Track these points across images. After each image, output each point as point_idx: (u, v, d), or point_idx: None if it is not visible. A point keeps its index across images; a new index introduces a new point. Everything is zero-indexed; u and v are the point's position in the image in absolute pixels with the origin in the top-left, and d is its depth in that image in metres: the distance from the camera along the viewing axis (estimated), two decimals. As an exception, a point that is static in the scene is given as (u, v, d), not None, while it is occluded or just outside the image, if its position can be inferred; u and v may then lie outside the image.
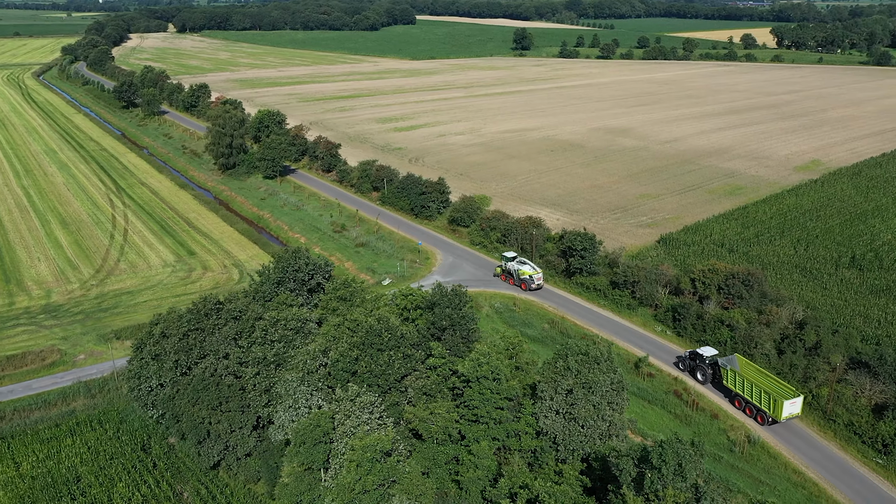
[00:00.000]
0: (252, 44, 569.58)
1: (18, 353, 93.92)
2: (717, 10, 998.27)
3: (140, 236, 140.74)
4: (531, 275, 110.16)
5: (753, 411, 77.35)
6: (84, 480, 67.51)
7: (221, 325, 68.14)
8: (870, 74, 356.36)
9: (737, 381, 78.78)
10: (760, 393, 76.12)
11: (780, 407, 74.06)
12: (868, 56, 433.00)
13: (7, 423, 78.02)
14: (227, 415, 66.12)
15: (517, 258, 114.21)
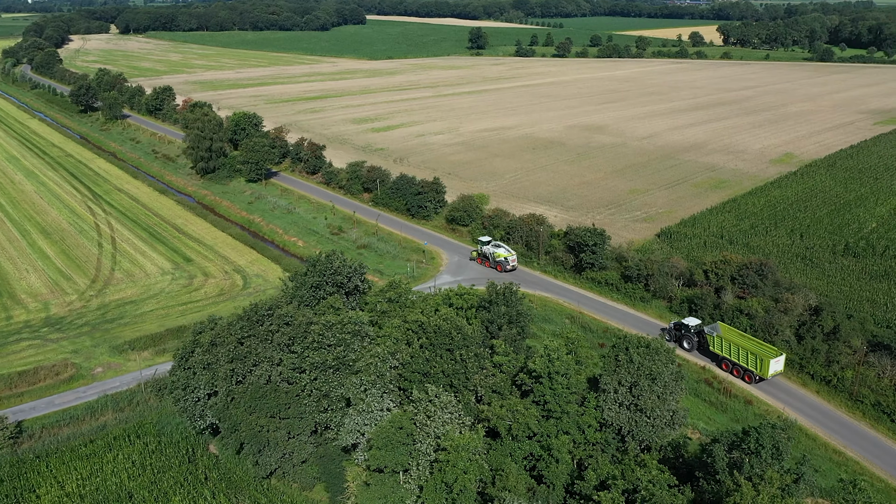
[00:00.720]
0: (202, 45, 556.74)
1: (30, 368, 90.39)
2: (660, 8, 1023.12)
3: (130, 244, 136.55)
4: (506, 257, 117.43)
5: (741, 372, 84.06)
6: (137, 496, 65.49)
7: (275, 331, 67.02)
8: (816, 70, 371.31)
9: (723, 345, 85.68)
10: (747, 354, 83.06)
11: (767, 365, 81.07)
12: (811, 52, 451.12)
13: (39, 440, 75.01)
14: (285, 422, 65.20)
15: (492, 242, 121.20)
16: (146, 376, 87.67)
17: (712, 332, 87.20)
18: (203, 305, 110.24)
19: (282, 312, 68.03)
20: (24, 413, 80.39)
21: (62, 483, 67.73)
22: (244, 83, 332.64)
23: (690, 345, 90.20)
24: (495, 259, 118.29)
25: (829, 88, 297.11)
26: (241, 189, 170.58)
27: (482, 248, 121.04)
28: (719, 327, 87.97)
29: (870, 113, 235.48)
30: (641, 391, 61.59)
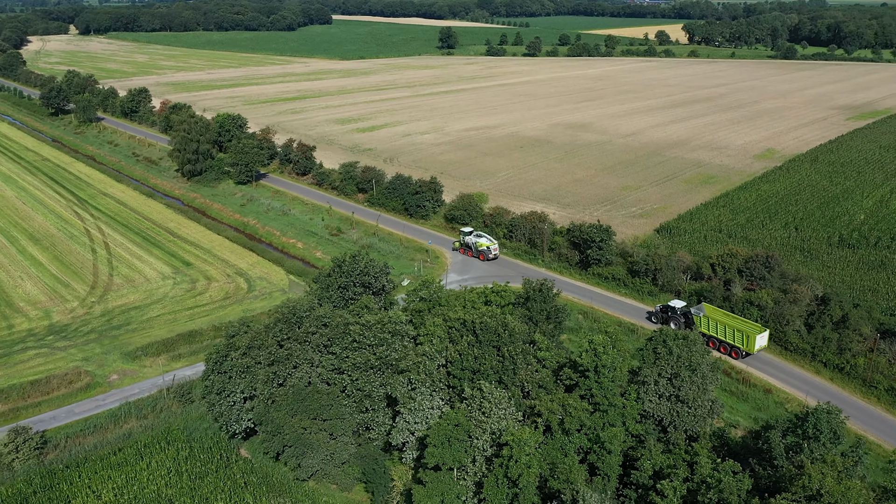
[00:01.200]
0: (167, 46, 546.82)
1: (42, 377, 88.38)
2: (622, 8, 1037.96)
3: (125, 249, 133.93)
4: (488, 246, 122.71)
5: (728, 349, 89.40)
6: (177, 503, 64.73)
7: (313, 332, 66.76)
8: (782, 68, 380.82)
9: (709, 324, 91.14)
10: (734, 332, 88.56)
11: (753, 341, 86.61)
12: (775, 51, 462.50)
13: (66, 450, 73.47)
14: (327, 423, 65.07)
15: (474, 232, 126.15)
16: (166, 382, 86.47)
17: (698, 313, 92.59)
18: (210, 309, 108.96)
19: (319, 314, 67.80)
20: (45, 423, 78.62)
21: (98, 493, 66.53)
22: (218, 84, 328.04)
23: (678, 326, 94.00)
24: (478, 248, 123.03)
25: (797, 85, 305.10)
26: (230, 191, 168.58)
27: (464, 239, 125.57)
28: (704, 308, 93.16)
29: (840, 109, 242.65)
30: (682, 382, 62.96)
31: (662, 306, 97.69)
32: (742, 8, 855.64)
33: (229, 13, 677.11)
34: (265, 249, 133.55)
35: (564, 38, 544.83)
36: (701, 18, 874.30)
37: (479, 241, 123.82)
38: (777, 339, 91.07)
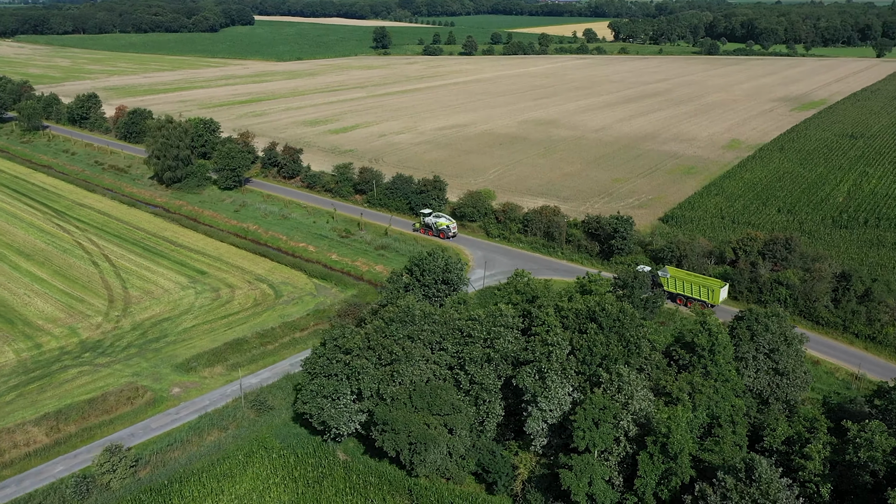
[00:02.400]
0: (86, 49, 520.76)
1: (97, 395, 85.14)
2: (540, 7, 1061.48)
3: (127, 260, 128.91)
4: (447, 225, 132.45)
5: (694, 303, 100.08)
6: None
7: (422, 329, 67.68)
8: (710, 63, 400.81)
9: (676, 284, 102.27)
10: (699, 288, 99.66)
11: (718, 293, 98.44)
12: (698, 47, 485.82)
13: (162, 467, 71.45)
14: (448, 418, 66.19)
15: (433, 213, 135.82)
16: (233, 392, 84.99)
17: (664, 275, 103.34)
18: (246, 317, 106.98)
19: (429, 311, 68.74)
20: (125, 440, 75.94)
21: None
22: (160, 88, 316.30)
23: (645, 288, 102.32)
24: (437, 228, 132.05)
25: (731, 80, 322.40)
26: (218, 197, 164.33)
27: (424, 220, 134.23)
28: (668, 270, 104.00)
29: (780, 101, 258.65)
30: (780, 356, 67.68)
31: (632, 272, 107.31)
32: (654, 6, 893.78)
33: (147, 14, 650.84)
34: (277, 254, 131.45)
35: (496, 37, 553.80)
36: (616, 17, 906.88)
37: (439, 221, 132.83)
38: (807, 315, 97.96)
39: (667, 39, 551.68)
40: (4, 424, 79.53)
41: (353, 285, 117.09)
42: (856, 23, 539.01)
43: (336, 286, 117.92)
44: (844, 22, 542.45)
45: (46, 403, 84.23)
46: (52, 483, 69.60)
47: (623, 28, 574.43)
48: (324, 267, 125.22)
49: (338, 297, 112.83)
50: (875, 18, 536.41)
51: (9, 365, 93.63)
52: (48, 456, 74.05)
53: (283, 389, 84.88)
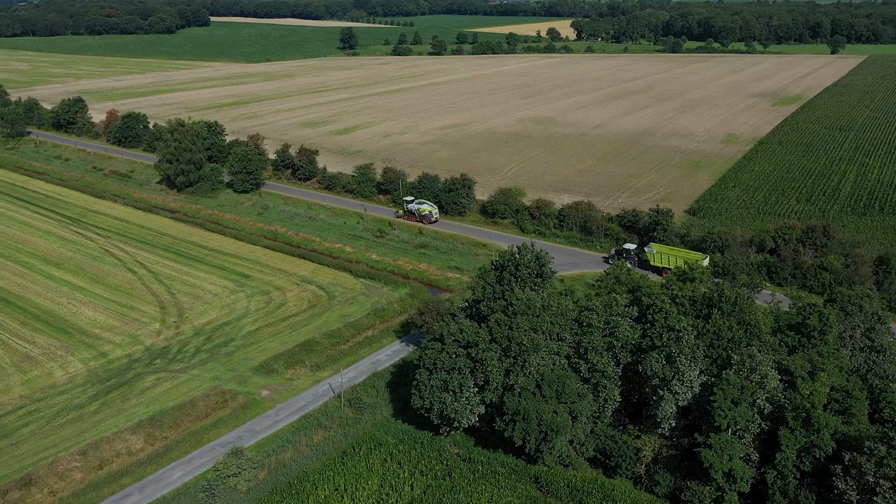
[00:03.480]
0: (39, 52, 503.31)
1: (184, 401, 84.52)
2: (495, 6, 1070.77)
3: (164, 266, 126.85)
4: (430, 211, 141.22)
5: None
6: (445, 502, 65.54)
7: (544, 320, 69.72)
8: (677, 61, 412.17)
9: (661, 258, 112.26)
10: (684, 262, 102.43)
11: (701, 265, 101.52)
12: (662, 45, 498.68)
13: (281, 469, 71.67)
14: (572, 405, 68.34)
15: (416, 200, 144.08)
16: (324, 392, 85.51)
17: (651, 251, 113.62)
18: (307, 318, 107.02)
19: (547, 303, 70.80)
20: (235, 443, 75.58)
21: (356, 501, 65.88)
22: (137, 92, 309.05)
23: (632, 263, 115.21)
24: (420, 214, 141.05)
25: (704, 77, 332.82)
26: (235, 200, 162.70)
27: (408, 206, 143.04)
28: (653, 247, 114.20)
29: (758, 96, 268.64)
30: (876, 333, 72.06)
31: (617, 250, 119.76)
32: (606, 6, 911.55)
33: (100, 16, 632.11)
34: (318, 256, 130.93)
35: (462, 37, 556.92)
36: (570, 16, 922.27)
37: (422, 207, 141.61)
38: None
39: (628, 38, 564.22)
40: (100, 434, 78.34)
41: (402, 284, 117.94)
42: (806, 21, 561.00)
43: (385, 286, 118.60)
44: (795, 20, 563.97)
45: (135, 411, 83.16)
46: (176, 488, 69.13)
47: (585, 27, 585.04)
48: (367, 267, 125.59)
49: (392, 297, 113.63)
50: (824, 17, 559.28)
51: (80, 374, 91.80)
52: (160, 462, 73.33)
53: (374, 388, 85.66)
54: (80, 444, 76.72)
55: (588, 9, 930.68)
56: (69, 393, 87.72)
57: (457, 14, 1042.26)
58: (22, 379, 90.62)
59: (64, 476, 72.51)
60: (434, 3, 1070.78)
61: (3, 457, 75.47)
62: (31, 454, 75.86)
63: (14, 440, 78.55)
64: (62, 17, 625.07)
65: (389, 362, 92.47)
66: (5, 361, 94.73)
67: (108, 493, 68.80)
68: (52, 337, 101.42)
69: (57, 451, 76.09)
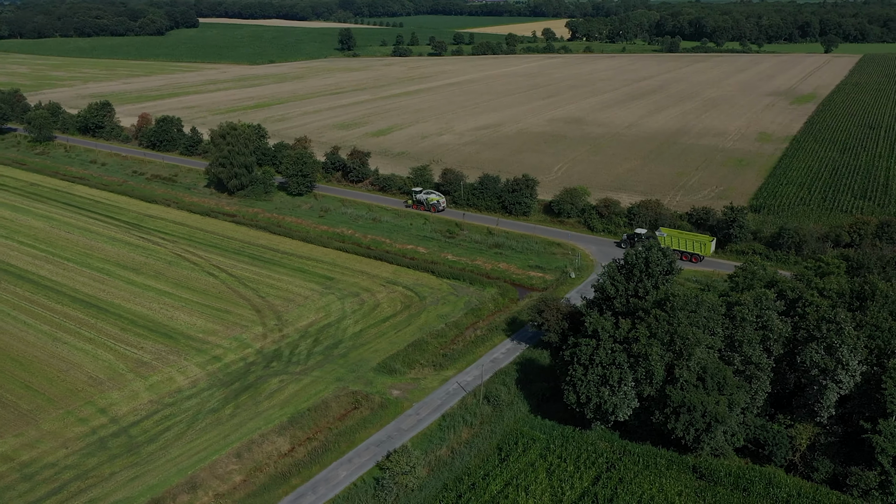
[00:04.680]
0: (31, 54, 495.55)
1: (316, 402, 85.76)
2: (480, 7, 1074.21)
3: (242, 270, 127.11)
4: (438, 200, 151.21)
5: (688, 257, 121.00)
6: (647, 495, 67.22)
7: (701, 315, 72.14)
8: (678, 60, 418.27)
9: (672, 241, 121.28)
10: (693, 243, 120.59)
11: (709, 247, 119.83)
12: (658, 45, 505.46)
13: (442, 466, 73.14)
14: (730, 396, 70.73)
15: (423, 191, 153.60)
16: (455, 391, 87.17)
17: (661, 235, 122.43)
18: (407, 318, 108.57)
19: (701, 298, 73.21)
20: (387, 442, 77.08)
21: (530, 494, 67.59)
22: (152, 95, 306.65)
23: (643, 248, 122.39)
24: (429, 203, 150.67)
25: (712, 76, 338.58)
26: (292, 203, 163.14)
27: (416, 196, 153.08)
28: (663, 231, 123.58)
29: (773, 95, 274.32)
30: None
31: (629, 235, 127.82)
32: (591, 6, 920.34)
33: (88, 17, 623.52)
34: (394, 257, 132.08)
35: (459, 38, 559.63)
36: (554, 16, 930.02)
37: (430, 197, 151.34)
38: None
39: (623, 38, 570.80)
40: (245, 436, 79.23)
41: (487, 283, 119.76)
42: (795, 20, 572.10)
43: (471, 285, 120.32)
44: (785, 20, 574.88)
45: (271, 414, 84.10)
46: (347, 488, 70.31)
47: (580, 27, 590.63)
48: (447, 268, 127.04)
49: (482, 296, 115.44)
50: (813, 16, 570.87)
51: (201, 379, 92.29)
52: (322, 462, 74.27)
53: (504, 385, 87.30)
54: (231, 446, 77.55)
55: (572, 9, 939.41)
56: (197, 397, 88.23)
57: (442, 14, 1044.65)
58: (145, 384, 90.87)
59: (224, 478, 73.34)
60: (419, 3, 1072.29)
61: (158, 461, 76.01)
62: (184, 458, 76.49)
63: (161, 444, 79.05)
64: (50, 19, 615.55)
65: (508, 360, 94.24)
66: (121, 367, 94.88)
67: (281, 494, 69.78)
68: (158, 342, 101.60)
69: (208, 454, 76.84)
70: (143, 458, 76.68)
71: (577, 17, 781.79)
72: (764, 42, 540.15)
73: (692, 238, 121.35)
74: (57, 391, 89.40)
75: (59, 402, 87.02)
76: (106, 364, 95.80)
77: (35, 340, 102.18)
